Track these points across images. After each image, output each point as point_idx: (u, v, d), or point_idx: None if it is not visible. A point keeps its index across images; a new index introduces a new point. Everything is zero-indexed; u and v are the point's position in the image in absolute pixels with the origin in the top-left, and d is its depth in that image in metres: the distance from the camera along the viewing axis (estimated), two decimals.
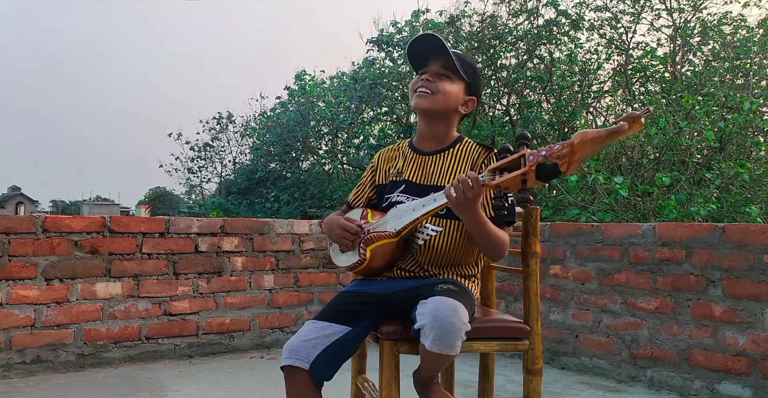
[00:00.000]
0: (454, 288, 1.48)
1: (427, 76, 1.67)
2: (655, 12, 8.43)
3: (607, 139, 1.19)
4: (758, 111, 6.33)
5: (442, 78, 1.67)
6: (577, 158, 1.21)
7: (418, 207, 1.56)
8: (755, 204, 5.28)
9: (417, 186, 1.69)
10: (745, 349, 2.55)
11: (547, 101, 8.32)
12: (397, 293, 1.58)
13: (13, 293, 2.90)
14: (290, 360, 1.47)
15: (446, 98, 1.67)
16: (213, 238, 3.48)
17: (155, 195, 32.43)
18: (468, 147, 1.72)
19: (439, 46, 1.66)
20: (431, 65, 1.68)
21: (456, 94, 1.69)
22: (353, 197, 1.84)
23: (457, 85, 1.69)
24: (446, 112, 1.70)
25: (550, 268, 3.33)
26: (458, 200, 1.41)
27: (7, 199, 50.46)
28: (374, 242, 1.60)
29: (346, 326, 1.52)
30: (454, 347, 1.34)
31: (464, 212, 1.45)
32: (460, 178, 1.40)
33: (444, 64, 1.67)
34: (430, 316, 1.34)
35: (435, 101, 1.67)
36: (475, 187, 1.39)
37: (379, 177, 1.80)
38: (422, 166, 1.72)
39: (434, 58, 1.68)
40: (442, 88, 1.66)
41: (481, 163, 1.66)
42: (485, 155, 1.68)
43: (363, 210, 1.74)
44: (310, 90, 12.69)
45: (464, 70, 1.68)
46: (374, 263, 1.62)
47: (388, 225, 1.61)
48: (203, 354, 3.41)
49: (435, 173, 1.70)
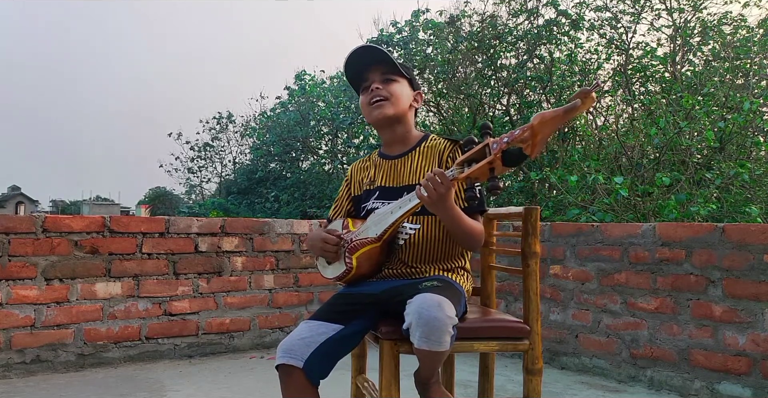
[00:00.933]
0: (439, 284, 1.49)
1: (375, 84, 1.72)
2: (655, 12, 8.43)
3: (565, 116, 1.24)
4: (758, 111, 6.32)
5: (389, 82, 1.72)
6: (539, 139, 1.26)
7: (395, 210, 1.59)
8: (755, 204, 5.28)
9: (390, 190, 1.72)
10: (745, 349, 2.55)
11: (547, 101, 8.31)
12: (384, 293, 1.59)
13: (13, 293, 2.90)
14: (284, 359, 1.49)
15: (400, 99, 1.72)
16: (213, 238, 3.48)
17: (155, 195, 32.42)
18: (434, 143, 1.75)
19: (374, 54, 1.71)
20: (371, 77, 1.73)
21: (407, 93, 1.75)
22: (332, 212, 1.88)
23: (403, 84, 1.75)
24: (404, 113, 1.74)
25: (550, 268, 3.33)
26: (431, 198, 1.44)
27: (7, 199, 50.46)
28: (358, 249, 1.62)
29: (339, 324, 1.54)
30: (441, 342, 1.34)
31: (438, 208, 1.48)
32: (428, 176, 1.43)
33: (383, 70, 1.72)
34: (415, 314, 1.35)
35: (394, 105, 1.71)
36: (444, 182, 1.41)
37: (354, 189, 1.84)
38: (392, 169, 1.76)
39: (371, 69, 1.73)
40: (393, 91, 1.72)
41: (447, 156, 1.69)
42: (450, 148, 1.71)
43: (344, 220, 1.77)
44: (310, 90, 12.69)
45: (403, 69, 1.74)
46: (362, 270, 1.65)
47: (369, 231, 1.64)
48: (203, 354, 3.41)
49: (405, 174, 1.73)
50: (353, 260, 1.62)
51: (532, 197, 7.07)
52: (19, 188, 53.44)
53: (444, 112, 8.89)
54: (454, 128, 8.47)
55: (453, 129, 8.42)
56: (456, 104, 8.95)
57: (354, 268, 1.62)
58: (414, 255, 1.67)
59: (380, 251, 1.64)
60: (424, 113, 9.21)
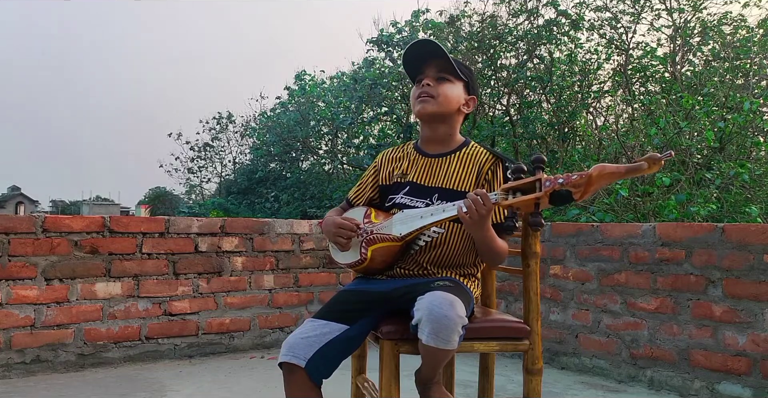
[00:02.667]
0: (451, 284, 1.49)
1: (427, 80, 1.68)
2: (655, 12, 8.43)
3: (625, 175, 1.24)
4: (758, 111, 6.33)
5: (442, 81, 1.69)
6: (592, 188, 1.26)
7: (425, 215, 1.56)
8: (755, 204, 5.28)
9: (421, 188, 1.70)
10: (745, 349, 2.55)
11: (547, 101, 8.32)
12: (395, 292, 1.58)
13: (13, 293, 2.90)
14: (287, 357, 1.48)
15: (449, 100, 1.68)
16: (213, 238, 3.48)
17: (155, 195, 32.43)
18: (474, 152, 1.72)
19: (434, 50, 1.67)
20: (427, 71, 1.70)
21: (458, 95, 1.70)
22: (354, 194, 1.84)
23: (457, 86, 1.70)
24: (450, 114, 1.71)
25: (550, 268, 3.33)
26: (471, 218, 1.43)
27: (7, 199, 50.45)
28: (377, 243, 1.61)
29: (344, 324, 1.53)
30: (450, 341, 1.34)
31: (475, 229, 1.47)
32: (471, 196, 1.42)
33: (441, 67, 1.69)
34: (425, 310, 1.34)
35: (439, 104, 1.67)
36: (487, 204, 1.41)
37: (383, 178, 1.80)
38: (427, 168, 1.73)
39: (429, 63, 1.69)
40: (443, 91, 1.68)
41: (487, 170, 1.67)
42: (492, 162, 1.68)
43: (366, 209, 1.74)
44: (310, 90, 12.69)
45: (461, 70, 1.70)
46: (374, 263, 1.63)
47: (393, 228, 1.62)
48: (203, 354, 3.41)
49: (440, 175, 1.70)
50: (369, 251, 1.61)
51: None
52: (19, 188, 53.43)
53: None
54: None
55: None
56: None
57: (367, 260, 1.61)
58: (431, 258, 1.66)
59: (398, 250, 1.63)
60: None
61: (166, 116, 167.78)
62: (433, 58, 1.69)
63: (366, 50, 12.61)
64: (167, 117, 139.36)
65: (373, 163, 1.87)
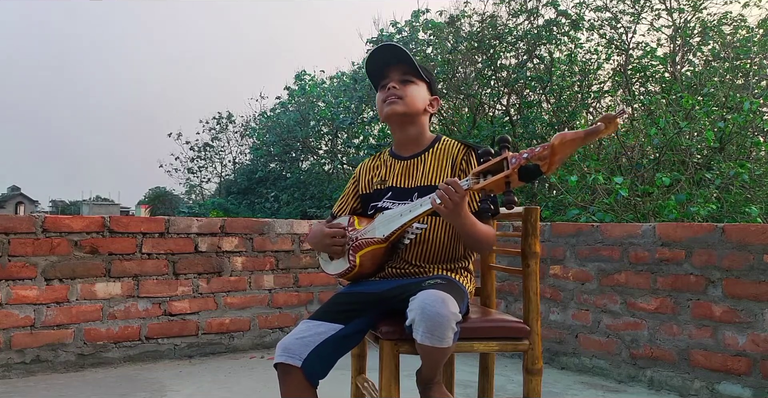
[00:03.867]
0: (443, 282, 1.49)
1: (393, 83, 1.72)
2: (655, 12, 8.43)
3: (585, 139, 1.25)
4: (758, 111, 6.33)
5: (406, 83, 1.73)
6: (557, 158, 1.27)
7: (405, 213, 1.59)
8: (755, 204, 5.28)
9: (402, 190, 1.73)
10: (744, 349, 2.55)
11: (547, 101, 8.31)
12: (388, 292, 1.60)
13: (13, 293, 2.90)
14: (282, 358, 1.49)
15: (415, 100, 1.73)
16: (213, 238, 3.48)
17: (155, 195, 32.42)
18: (446, 145, 1.76)
19: (396, 54, 1.72)
20: (391, 75, 1.74)
21: (423, 96, 1.76)
22: (337, 208, 1.89)
23: (421, 87, 1.76)
24: (417, 114, 1.75)
25: (550, 268, 3.33)
26: (446, 207, 1.44)
27: (7, 199, 50.44)
28: (363, 248, 1.63)
29: (339, 324, 1.54)
30: (444, 338, 1.34)
31: (452, 217, 1.48)
32: (442, 186, 1.44)
33: (404, 70, 1.74)
34: (418, 309, 1.35)
35: (407, 105, 1.72)
36: (459, 192, 1.42)
37: (362, 187, 1.84)
38: (405, 170, 1.76)
39: (392, 68, 1.74)
40: (409, 92, 1.72)
41: (461, 160, 1.70)
42: (464, 152, 1.71)
43: (350, 218, 1.77)
44: (310, 90, 12.69)
45: (423, 72, 1.75)
46: (364, 268, 1.66)
47: (376, 231, 1.64)
48: (203, 354, 3.41)
49: (417, 175, 1.73)
50: (357, 258, 1.63)
51: (532, 197, 7.07)
52: (19, 188, 53.43)
53: (444, 112, 8.89)
54: (454, 128, 8.48)
55: (453, 129, 8.42)
56: (456, 104, 8.95)
57: (357, 266, 1.63)
58: (418, 255, 1.68)
59: (384, 251, 1.65)
60: None
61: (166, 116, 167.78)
62: (396, 63, 1.74)
63: (366, 50, 12.62)
64: (167, 117, 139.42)
65: (353, 175, 1.92)
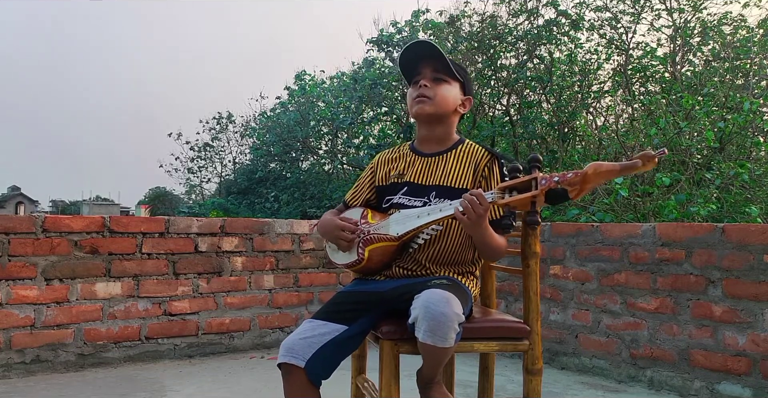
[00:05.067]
0: (448, 283, 1.49)
1: (424, 81, 1.69)
2: (655, 12, 8.43)
3: (620, 173, 1.26)
4: (758, 111, 6.33)
5: (439, 82, 1.70)
6: (588, 187, 1.27)
7: (422, 215, 1.57)
8: (755, 204, 5.28)
9: (419, 187, 1.70)
10: (744, 349, 2.55)
11: (547, 101, 8.31)
12: (393, 291, 1.59)
13: (13, 293, 2.90)
14: (286, 358, 1.48)
15: (446, 101, 1.69)
16: (213, 238, 3.48)
17: (155, 195, 32.42)
18: (470, 149, 1.73)
19: (431, 51, 1.69)
20: (424, 72, 1.71)
21: (454, 96, 1.72)
22: (350, 196, 1.85)
23: (454, 86, 1.72)
24: (447, 114, 1.72)
25: (550, 268, 3.33)
26: (469, 218, 1.43)
27: (7, 199, 50.43)
28: (373, 243, 1.62)
29: (343, 325, 1.53)
30: (447, 338, 1.34)
31: (472, 228, 1.47)
32: (467, 197, 1.42)
33: (436, 68, 1.70)
34: (422, 308, 1.35)
35: (436, 105, 1.68)
36: (483, 204, 1.41)
37: (379, 179, 1.80)
38: (424, 167, 1.73)
39: (425, 64, 1.71)
40: (440, 92, 1.69)
41: (483, 166, 1.67)
42: (488, 159, 1.68)
43: (363, 210, 1.74)
44: (310, 90, 12.70)
45: (457, 71, 1.71)
46: (371, 263, 1.64)
47: (390, 228, 1.62)
48: (203, 354, 3.41)
49: (437, 174, 1.70)
50: (366, 252, 1.61)
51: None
52: (19, 188, 53.39)
53: None
54: None
55: None
56: None
57: (365, 260, 1.62)
58: (429, 256, 1.66)
59: (395, 249, 1.64)
60: None
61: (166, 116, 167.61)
62: (430, 59, 1.70)
63: (366, 50, 12.63)
64: (167, 117, 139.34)
65: (370, 164, 1.88)
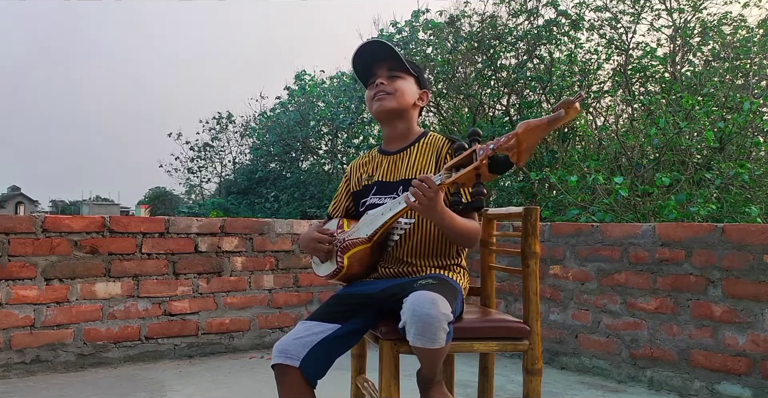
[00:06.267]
0: (434, 282, 1.49)
1: (381, 80, 1.74)
2: (655, 12, 8.42)
3: (549, 126, 1.26)
4: (758, 111, 6.33)
5: (394, 79, 1.74)
6: (524, 147, 1.28)
7: (386, 211, 1.60)
8: (755, 204, 5.28)
9: (387, 184, 1.74)
10: (744, 349, 2.55)
11: (547, 101, 8.31)
12: (383, 292, 1.60)
13: (12, 293, 2.90)
14: (280, 359, 1.49)
15: (404, 95, 1.74)
16: (213, 238, 3.48)
17: (155, 195, 32.44)
18: (432, 140, 1.76)
19: (382, 51, 1.73)
20: (379, 71, 1.75)
21: (412, 90, 1.77)
22: (332, 208, 1.91)
23: (409, 81, 1.77)
24: (406, 109, 1.76)
25: (550, 268, 3.33)
26: (421, 203, 1.44)
27: (6, 199, 50.42)
28: (350, 249, 1.64)
29: (335, 324, 1.55)
30: (436, 339, 1.34)
31: (428, 213, 1.48)
32: (414, 182, 1.44)
33: (391, 66, 1.75)
34: (409, 311, 1.35)
35: (396, 100, 1.73)
36: (432, 187, 1.42)
37: (353, 185, 1.86)
38: (390, 165, 1.77)
39: (379, 64, 1.76)
40: (397, 87, 1.74)
41: (445, 154, 1.70)
42: (448, 146, 1.71)
43: (339, 220, 1.79)
44: (310, 90, 12.69)
45: (411, 66, 1.76)
46: (352, 269, 1.66)
47: (360, 232, 1.65)
48: (203, 354, 3.41)
49: (402, 169, 1.74)
50: (344, 259, 1.64)
51: (532, 197, 7.07)
52: (19, 188, 53.37)
53: (444, 112, 8.90)
54: (454, 128, 8.48)
55: (453, 129, 8.42)
56: (456, 104, 8.95)
57: (345, 267, 1.64)
58: (409, 251, 1.68)
59: (371, 251, 1.66)
60: (424, 113, 9.21)
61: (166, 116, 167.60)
62: (383, 60, 1.75)
63: None
64: (167, 117, 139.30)
65: (345, 174, 1.93)
